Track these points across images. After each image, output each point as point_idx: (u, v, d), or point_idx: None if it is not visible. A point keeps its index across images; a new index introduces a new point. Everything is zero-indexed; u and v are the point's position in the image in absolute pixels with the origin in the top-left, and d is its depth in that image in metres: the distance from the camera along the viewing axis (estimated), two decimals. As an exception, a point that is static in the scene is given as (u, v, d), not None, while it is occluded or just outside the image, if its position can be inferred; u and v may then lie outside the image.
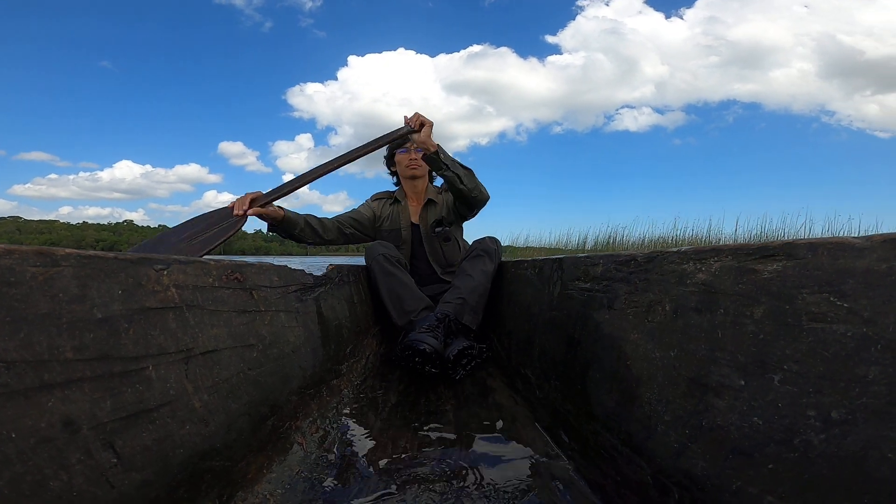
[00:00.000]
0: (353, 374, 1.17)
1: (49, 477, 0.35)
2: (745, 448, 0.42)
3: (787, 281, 0.42)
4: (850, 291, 0.37)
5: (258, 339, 0.69)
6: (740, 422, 0.43)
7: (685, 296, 0.55)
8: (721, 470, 0.44)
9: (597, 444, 0.67)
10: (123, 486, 0.41)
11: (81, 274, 0.42)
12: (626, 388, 0.62)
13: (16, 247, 0.38)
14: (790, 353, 0.40)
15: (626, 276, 0.69)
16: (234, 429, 0.58)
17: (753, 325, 0.44)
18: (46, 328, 0.38)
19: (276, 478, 0.63)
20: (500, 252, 1.59)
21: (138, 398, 0.44)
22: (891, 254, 0.36)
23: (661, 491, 0.51)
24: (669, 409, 0.53)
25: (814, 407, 0.37)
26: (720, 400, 0.46)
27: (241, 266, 0.69)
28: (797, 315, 0.40)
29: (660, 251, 0.62)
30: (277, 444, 0.69)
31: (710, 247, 0.53)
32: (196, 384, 0.53)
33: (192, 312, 0.55)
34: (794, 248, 0.42)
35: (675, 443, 0.51)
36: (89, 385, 0.40)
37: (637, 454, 0.57)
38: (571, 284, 0.91)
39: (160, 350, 0.49)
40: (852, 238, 0.39)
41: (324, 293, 1.07)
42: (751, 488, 0.40)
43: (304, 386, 0.84)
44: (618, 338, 0.67)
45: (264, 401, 0.67)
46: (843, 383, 0.36)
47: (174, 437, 0.48)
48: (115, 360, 0.43)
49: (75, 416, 0.38)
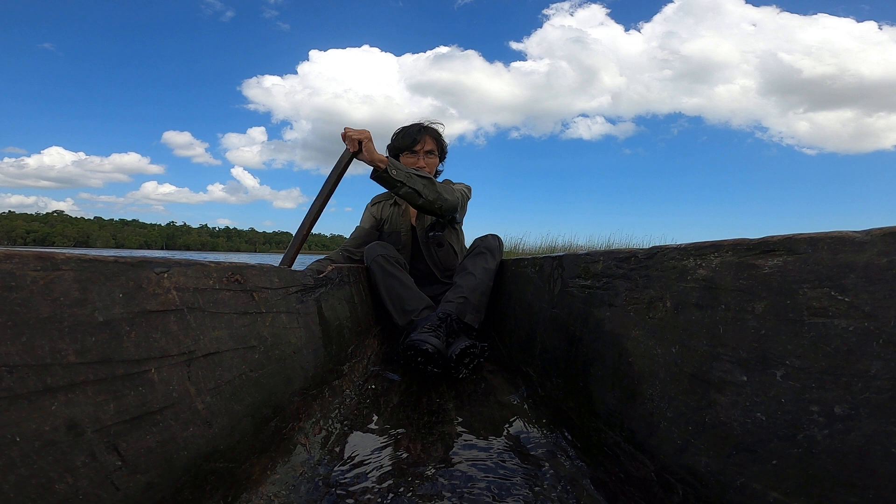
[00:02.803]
0: (355, 375, 1.17)
1: (54, 480, 0.35)
2: (748, 444, 0.42)
3: (787, 276, 0.42)
4: (850, 286, 0.37)
5: (260, 341, 0.69)
6: (743, 418, 0.43)
7: (686, 292, 0.55)
8: (725, 466, 0.44)
9: (599, 442, 0.67)
10: (128, 488, 0.41)
11: (82, 277, 0.42)
12: (628, 385, 0.62)
13: (16, 251, 0.38)
14: (792, 348, 0.40)
15: (627, 272, 0.69)
16: (237, 430, 0.58)
17: (755, 320, 0.44)
18: (48, 332, 0.38)
19: (280, 479, 0.64)
20: (501, 249, 1.58)
21: (141, 401, 0.45)
22: (891, 248, 0.36)
23: (665, 488, 0.51)
24: (672, 406, 0.53)
25: (816, 402, 0.37)
26: (722, 396, 0.46)
27: (241, 268, 0.69)
28: (798, 310, 0.40)
29: (660, 247, 0.62)
30: (281, 445, 0.69)
31: (710, 242, 0.53)
32: (198, 386, 0.53)
33: (193, 315, 0.55)
34: (795, 243, 0.42)
35: (678, 439, 0.51)
36: (92, 388, 0.40)
37: (640, 451, 0.57)
38: (572, 282, 0.91)
39: (162, 353, 0.49)
40: (852, 232, 0.39)
41: (324, 294, 1.07)
42: (755, 484, 0.40)
43: (307, 387, 0.84)
44: (619, 335, 0.67)
45: (267, 402, 0.67)
46: (846, 378, 0.36)
47: (178, 439, 0.48)
48: (118, 363, 0.43)
49: (79, 420, 0.38)
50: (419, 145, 1.70)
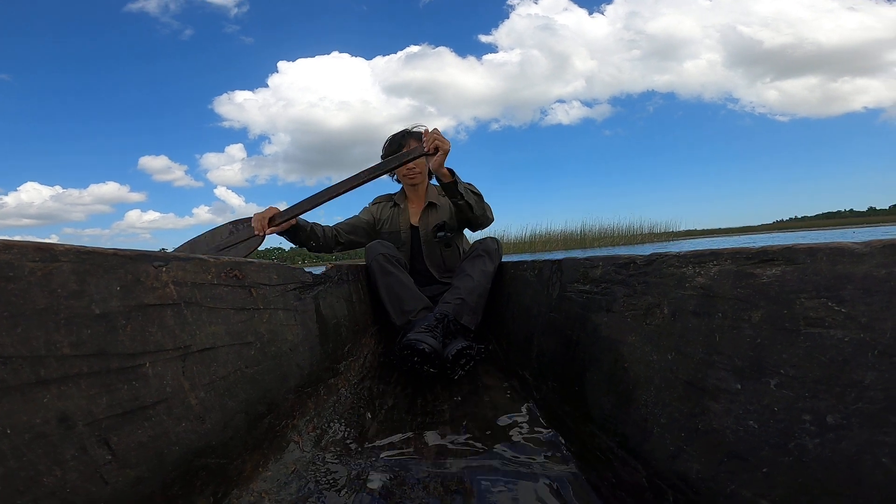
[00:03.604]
0: (351, 373, 1.17)
1: (43, 473, 0.35)
2: (740, 451, 0.42)
3: (785, 285, 0.42)
4: (848, 297, 0.37)
5: (256, 337, 0.69)
6: (736, 425, 0.43)
7: (683, 299, 0.55)
8: (716, 473, 0.44)
9: (594, 446, 0.67)
10: (117, 482, 0.41)
11: (80, 269, 0.42)
12: (624, 391, 0.62)
13: (15, 241, 0.38)
14: (787, 357, 0.40)
15: (625, 278, 0.69)
16: (230, 426, 0.58)
17: (751, 329, 0.44)
18: (44, 323, 0.38)
19: (272, 476, 0.63)
20: (500, 252, 1.59)
21: (134, 395, 0.44)
22: (889, 260, 0.36)
23: (657, 494, 0.51)
24: (666, 412, 0.53)
25: (809, 411, 0.37)
26: (716, 403, 0.46)
27: (240, 263, 0.69)
28: (795, 320, 0.40)
29: (659, 254, 0.62)
30: (274, 442, 0.69)
31: (709, 251, 0.53)
32: (193, 381, 0.53)
33: (190, 309, 0.55)
34: (794, 253, 0.42)
35: (670, 445, 0.51)
36: (86, 381, 0.40)
37: (633, 456, 0.57)
38: (570, 286, 0.91)
39: (157, 347, 0.49)
40: (852, 244, 0.39)
41: (322, 292, 1.07)
42: (745, 492, 0.40)
43: (302, 384, 0.84)
44: (616, 340, 0.67)
45: (261, 399, 0.67)
46: (839, 388, 0.36)
47: (170, 434, 0.48)
48: (112, 357, 0.43)
49: (71, 413, 0.38)
50: (405, 149, 1.73)
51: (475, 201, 1.59)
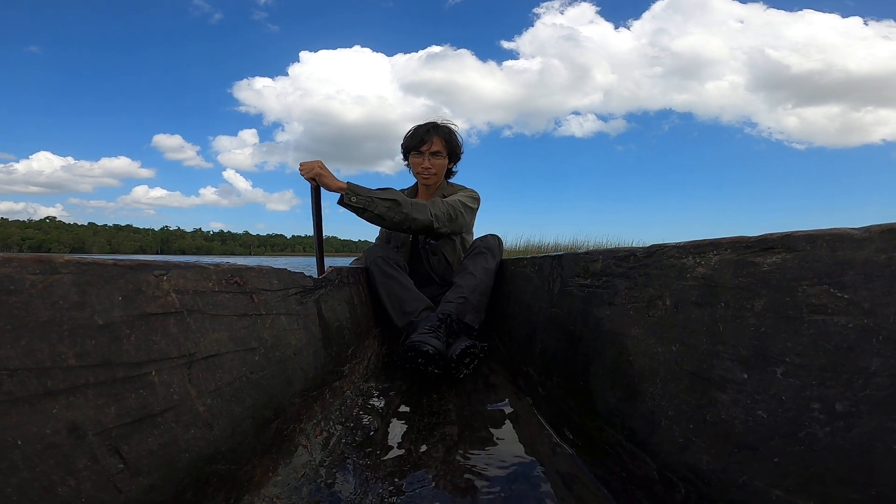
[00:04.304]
0: (356, 376, 1.17)
1: (57, 483, 0.35)
2: (749, 442, 0.42)
3: (786, 273, 0.42)
4: (849, 283, 0.37)
5: (260, 343, 0.69)
6: (744, 415, 0.43)
7: (685, 290, 0.55)
8: (726, 464, 0.44)
9: (601, 441, 0.67)
10: (131, 490, 0.41)
11: (81, 281, 0.42)
12: (629, 384, 0.62)
13: (15, 255, 0.38)
14: (792, 345, 0.40)
15: (626, 271, 0.69)
16: (238, 432, 0.58)
17: (754, 317, 0.44)
18: (47, 335, 0.38)
19: (282, 480, 0.64)
20: (501, 249, 1.58)
21: (142, 403, 0.44)
22: (889, 244, 0.36)
23: (667, 486, 0.51)
24: (672, 404, 0.53)
25: (817, 399, 0.37)
26: (723, 394, 0.46)
27: (240, 269, 0.69)
28: (798, 307, 0.41)
29: (659, 245, 0.62)
30: (282, 446, 0.69)
31: (708, 241, 0.53)
32: (199, 388, 0.53)
33: (192, 317, 0.55)
34: (793, 241, 0.43)
35: (679, 438, 0.51)
36: (93, 391, 0.40)
37: (641, 450, 0.57)
38: (571, 281, 0.91)
39: (162, 355, 0.49)
40: (851, 229, 0.39)
41: (324, 295, 1.07)
42: (757, 482, 0.41)
43: (307, 388, 0.84)
44: (619, 333, 0.68)
45: (268, 404, 0.67)
46: (846, 375, 0.36)
47: (179, 441, 0.48)
48: (118, 366, 0.43)
49: (80, 423, 0.38)
50: (426, 146, 1.68)
51: (386, 208, 1.41)
